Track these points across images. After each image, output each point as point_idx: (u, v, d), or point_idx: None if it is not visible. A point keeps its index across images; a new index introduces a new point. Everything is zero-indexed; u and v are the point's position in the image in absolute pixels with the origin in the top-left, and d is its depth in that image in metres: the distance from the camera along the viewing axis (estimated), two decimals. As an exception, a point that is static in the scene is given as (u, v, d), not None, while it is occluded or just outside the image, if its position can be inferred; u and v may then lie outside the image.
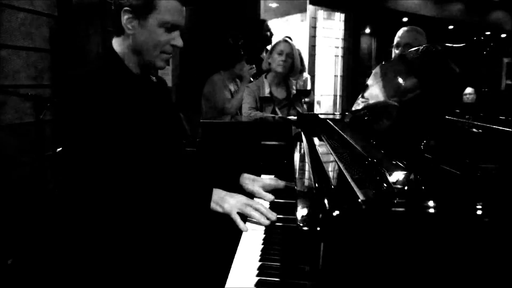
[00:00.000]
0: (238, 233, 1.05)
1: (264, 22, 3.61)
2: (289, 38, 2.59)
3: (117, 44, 1.18)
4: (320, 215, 0.65)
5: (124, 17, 1.12)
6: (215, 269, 0.97)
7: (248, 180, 1.32)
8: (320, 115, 1.88)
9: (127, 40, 1.16)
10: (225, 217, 1.07)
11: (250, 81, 2.76)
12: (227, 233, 1.06)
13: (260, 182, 1.31)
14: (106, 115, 1.04)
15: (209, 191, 1.09)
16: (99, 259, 1.04)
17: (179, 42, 1.18)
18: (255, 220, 1.07)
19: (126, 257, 1.04)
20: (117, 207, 1.02)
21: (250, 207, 1.08)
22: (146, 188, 1.06)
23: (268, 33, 3.48)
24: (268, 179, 1.35)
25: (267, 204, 1.27)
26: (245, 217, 1.09)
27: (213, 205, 1.07)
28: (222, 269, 0.89)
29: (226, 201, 1.08)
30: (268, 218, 1.07)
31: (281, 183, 1.33)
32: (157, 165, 1.14)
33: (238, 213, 1.07)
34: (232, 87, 2.87)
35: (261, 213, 1.07)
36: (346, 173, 0.81)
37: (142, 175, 1.08)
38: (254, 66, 2.81)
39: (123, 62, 1.17)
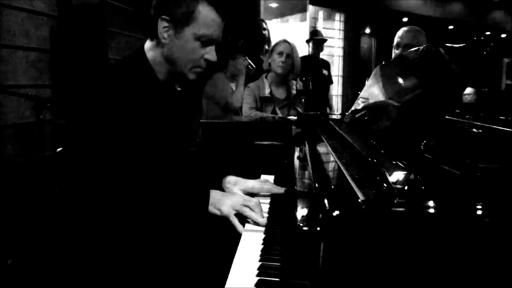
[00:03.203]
0: (238, 233, 1.05)
1: (261, 20, 3.61)
2: (287, 41, 2.59)
3: (149, 48, 1.16)
4: (320, 215, 0.65)
5: (161, 26, 1.10)
6: (215, 269, 0.97)
7: (229, 184, 1.26)
8: (320, 115, 1.88)
9: (160, 48, 1.14)
10: (225, 218, 1.07)
11: (249, 74, 2.75)
12: (227, 233, 1.06)
13: (242, 185, 1.25)
14: (118, 117, 1.04)
15: (206, 195, 1.08)
16: (99, 259, 1.04)
17: (213, 56, 1.15)
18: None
19: (126, 257, 1.04)
20: (116, 208, 1.01)
21: (247, 208, 1.07)
22: (146, 192, 1.05)
23: (266, 32, 3.47)
24: (252, 181, 1.29)
25: (267, 205, 1.27)
26: (244, 217, 1.09)
27: (210, 209, 1.06)
28: (222, 269, 0.89)
29: (223, 204, 1.07)
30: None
31: (265, 187, 1.28)
32: (159, 170, 1.14)
33: (236, 214, 1.07)
34: (233, 86, 2.87)
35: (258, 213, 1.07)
36: (346, 173, 0.81)
37: (144, 179, 1.08)
38: (247, 57, 2.80)
39: (151, 67, 1.15)
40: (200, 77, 1.21)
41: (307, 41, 4.03)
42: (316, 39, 3.94)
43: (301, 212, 0.85)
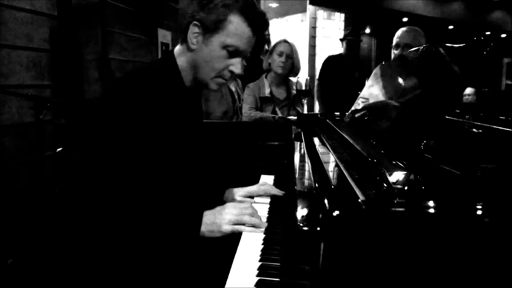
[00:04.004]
0: (238, 233, 1.04)
1: None
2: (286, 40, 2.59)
3: (178, 53, 1.16)
4: (320, 215, 0.65)
5: (192, 31, 1.10)
6: (215, 269, 0.97)
7: (228, 194, 1.32)
8: (320, 115, 1.88)
9: (188, 53, 1.14)
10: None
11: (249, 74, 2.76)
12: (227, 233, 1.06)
13: (241, 191, 1.32)
14: (142, 124, 1.03)
15: (197, 222, 1.03)
16: (99, 259, 1.04)
17: (238, 69, 1.13)
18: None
19: (125, 257, 1.04)
20: (114, 210, 1.01)
21: (245, 216, 1.05)
22: (148, 203, 1.04)
23: (266, 32, 3.47)
24: (251, 186, 1.35)
25: (266, 206, 1.27)
26: None
27: (207, 234, 1.02)
28: (222, 269, 0.89)
29: (220, 224, 1.03)
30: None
31: (262, 188, 1.33)
32: (166, 183, 1.12)
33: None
34: (233, 87, 2.88)
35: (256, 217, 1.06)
36: (346, 173, 0.81)
37: (149, 189, 1.06)
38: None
39: (179, 73, 1.15)
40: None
41: (341, 40, 3.83)
42: (351, 39, 3.74)
43: (301, 212, 0.85)
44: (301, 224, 0.81)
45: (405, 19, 7.22)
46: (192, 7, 1.12)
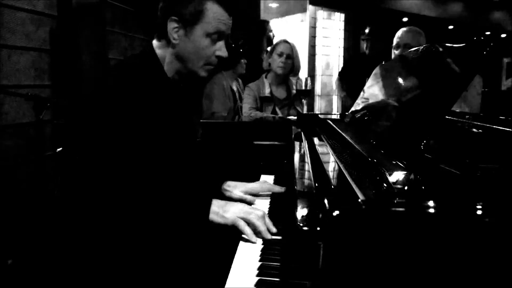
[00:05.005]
0: (238, 233, 1.04)
1: (266, 22, 3.60)
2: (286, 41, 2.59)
3: (157, 47, 1.17)
4: (320, 215, 0.65)
5: (171, 26, 1.11)
6: (215, 269, 0.97)
7: (229, 187, 1.28)
8: (320, 115, 1.88)
9: (171, 48, 1.15)
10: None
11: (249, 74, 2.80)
12: (227, 233, 1.06)
13: (242, 187, 1.28)
14: (128, 116, 1.03)
15: (207, 204, 1.03)
16: (99, 259, 1.04)
17: (224, 52, 1.17)
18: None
19: (126, 257, 1.04)
20: (115, 209, 1.01)
21: (253, 215, 1.01)
22: (148, 195, 1.03)
23: (271, 34, 3.48)
24: (252, 183, 1.32)
25: (266, 205, 1.27)
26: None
27: (213, 217, 1.02)
28: (222, 269, 0.89)
29: (227, 211, 1.02)
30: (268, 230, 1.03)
31: (264, 186, 1.31)
32: (163, 171, 1.13)
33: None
34: (234, 87, 2.88)
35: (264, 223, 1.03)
36: (346, 173, 0.81)
37: (147, 180, 1.07)
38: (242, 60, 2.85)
39: (161, 65, 1.16)
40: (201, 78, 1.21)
41: (362, 39, 3.77)
42: (372, 39, 3.65)
43: (301, 212, 0.85)
44: (301, 224, 0.81)
45: (405, 19, 7.21)
46: (165, 2, 1.13)
